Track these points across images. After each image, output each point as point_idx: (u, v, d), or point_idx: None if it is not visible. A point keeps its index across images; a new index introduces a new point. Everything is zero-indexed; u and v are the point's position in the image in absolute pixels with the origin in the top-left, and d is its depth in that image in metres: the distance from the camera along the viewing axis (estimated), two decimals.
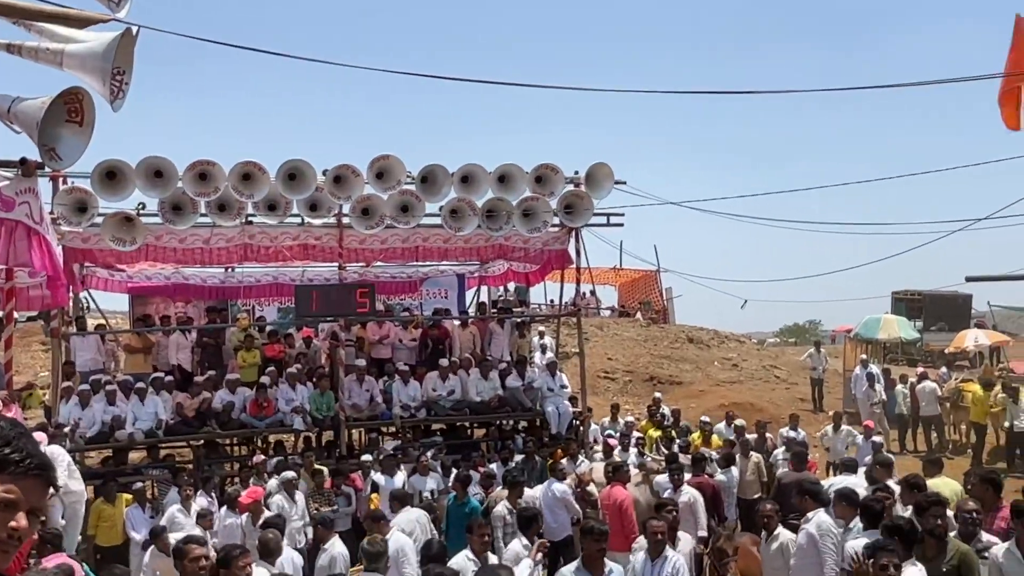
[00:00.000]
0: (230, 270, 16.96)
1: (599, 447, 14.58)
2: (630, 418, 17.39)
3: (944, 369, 23.39)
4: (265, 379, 14.34)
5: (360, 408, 14.50)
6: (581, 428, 15.25)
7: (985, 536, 7.18)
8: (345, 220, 14.28)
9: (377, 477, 12.40)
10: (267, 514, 10.53)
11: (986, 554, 6.72)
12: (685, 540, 7.96)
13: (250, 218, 14.15)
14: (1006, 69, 9.40)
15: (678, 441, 14.48)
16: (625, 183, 14.69)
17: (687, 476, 11.18)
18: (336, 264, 15.38)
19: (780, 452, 14.14)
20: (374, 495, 12.17)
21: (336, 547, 8.94)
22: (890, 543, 6.31)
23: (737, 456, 13.16)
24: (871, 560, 6.01)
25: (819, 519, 7.74)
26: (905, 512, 7.83)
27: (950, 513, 7.28)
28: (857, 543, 6.89)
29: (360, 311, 14.38)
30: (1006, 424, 17.20)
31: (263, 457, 13.18)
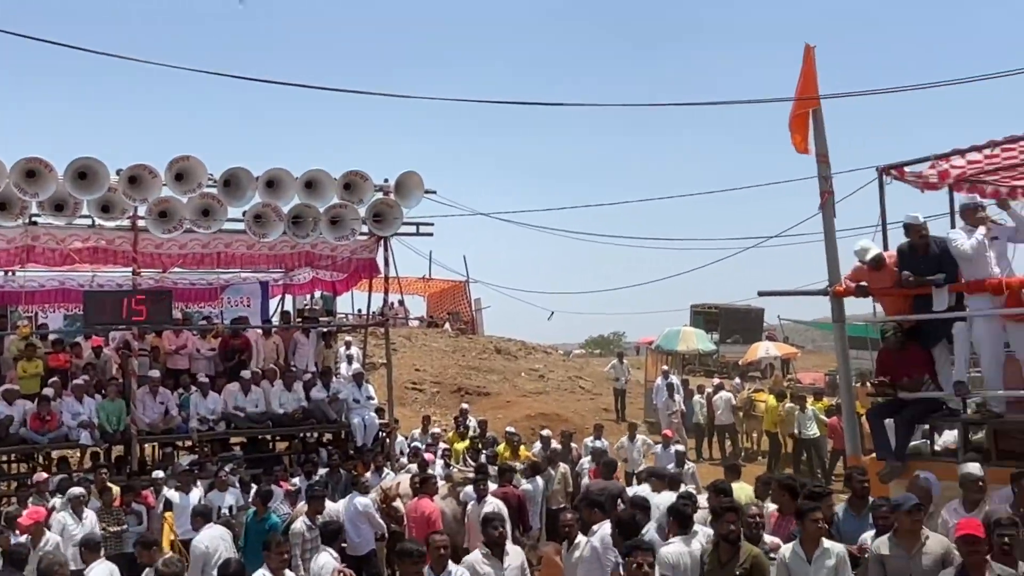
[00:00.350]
0: (10, 274, 15.81)
1: (406, 459, 14.46)
2: (436, 429, 17.36)
3: (738, 380, 24.53)
4: (48, 391, 13.39)
5: (154, 422, 13.80)
6: (388, 440, 15.07)
7: (768, 538, 7.50)
8: (140, 223, 13.58)
9: (171, 494, 11.78)
10: (48, 536, 9.81)
11: (773, 555, 7.00)
12: (515, 553, 7.87)
13: (34, 218, 13.23)
14: (796, 95, 9.86)
15: (485, 452, 14.51)
16: (435, 192, 14.66)
17: (493, 486, 11.19)
18: (130, 269, 14.58)
19: (585, 462, 14.39)
20: (168, 513, 11.58)
21: (94, 571, 8.36)
22: (643, 543, 6.53)
23: (545, 466, 13.29)
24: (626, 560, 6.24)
25: (603, 531, 7.79)
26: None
27: None
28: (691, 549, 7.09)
29: (155, 319, 13.66)
30: (795, 431, 18.13)
31: (45, 475, 12.30)
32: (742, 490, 9.84)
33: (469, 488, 11.19)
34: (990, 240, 8.40)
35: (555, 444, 14.98)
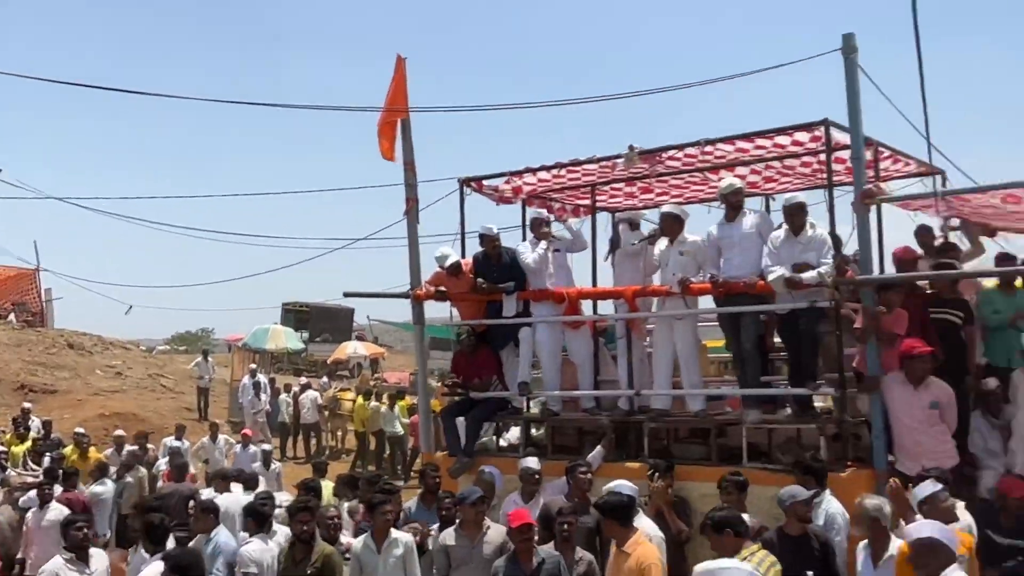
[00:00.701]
0: None
1: None
2: None
3: (325, 379, 24.82)
4: None
5: None
6: None
7: (344, 539, 7.70)
8: None
9: None
10: None
11: (347, 555, 7.21)
12: (99, 556, 7.35)
13: None
14: (386, 104, 10.15)
15: (51, 455, 13.47)
16: (1, 171, 13.37)
17: (58, 491, 10.45)
18: None
19: (163, 463, 13.81)
20: None
21: None
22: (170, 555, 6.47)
23: (118, 469, 12.61)
24: None
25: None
26: None
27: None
28: None
29: None
30: (383, 430, 18.62)
31: None
32: (325, 488, 10.01)
33: (31, 493, 10.40)
34: (552, 252, 9.22)
35: (131, 446, 14.25)
